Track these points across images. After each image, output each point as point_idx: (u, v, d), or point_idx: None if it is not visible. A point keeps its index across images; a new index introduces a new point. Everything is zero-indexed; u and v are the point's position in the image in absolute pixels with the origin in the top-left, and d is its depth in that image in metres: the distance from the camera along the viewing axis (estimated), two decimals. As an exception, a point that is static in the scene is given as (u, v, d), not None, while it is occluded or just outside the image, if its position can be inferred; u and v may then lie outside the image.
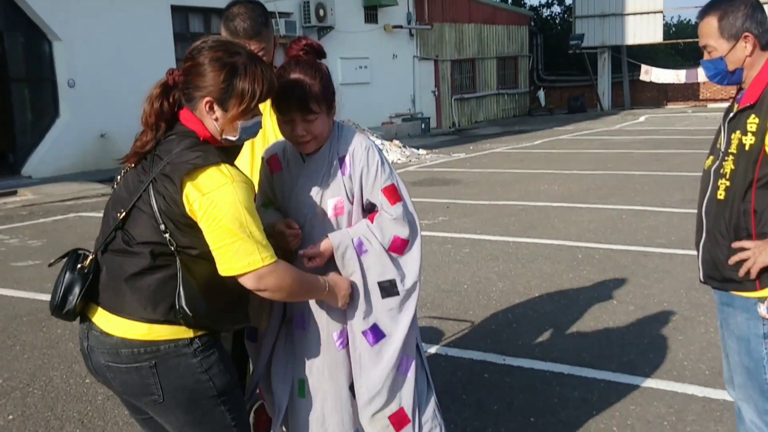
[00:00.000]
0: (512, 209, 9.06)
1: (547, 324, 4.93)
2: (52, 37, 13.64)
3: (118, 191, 2.12)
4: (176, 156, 1.99)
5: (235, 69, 2.03)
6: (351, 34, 20.17)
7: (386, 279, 2.39)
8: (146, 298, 2.01)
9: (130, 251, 2.02)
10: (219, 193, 1.96)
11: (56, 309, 2.07)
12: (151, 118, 2.05)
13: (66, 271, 2.07)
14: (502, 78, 28.74)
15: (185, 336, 2.04)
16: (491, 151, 16.59)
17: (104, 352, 2.04)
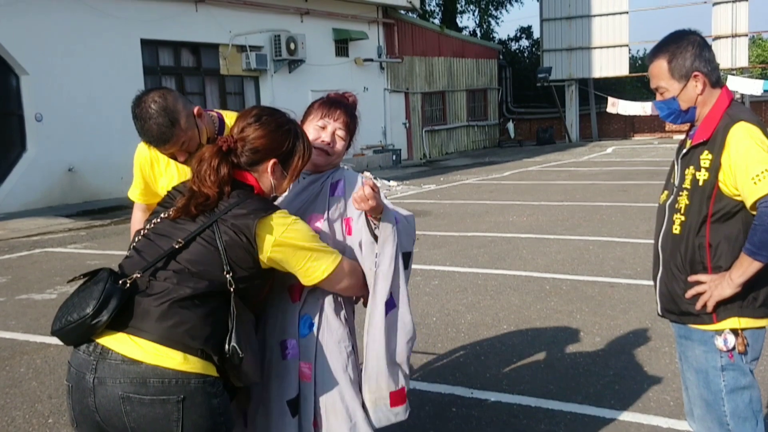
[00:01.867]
0: (481, 240, 9.11)
1: (515, 356, 4.94)
2: (20, 72, 13.57)
3: (164, 225, 2.18)
4: (243, 204, 2.16)
5: (297, 135, 2.34)
6: (322, 67, 20.31)
7: (409, 251, 2.56)
8: (190, 326, 2.02)
9: (182, 281, 2.05)
10: (290, 230, 2.18)
11: (85, 319, 1.94)
12: (214, 184, 2.17)
13: (107, 282, 1.99)
14: (472, 110, 29.06)
15: (213, 374, 2.06)
16: (461, 182, 16.71)
17: (125, 382, 1.95)
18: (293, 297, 2.51)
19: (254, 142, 2.23)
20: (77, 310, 1.98)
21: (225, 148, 2.21)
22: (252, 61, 18.07)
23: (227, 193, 2.18)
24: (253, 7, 18.17)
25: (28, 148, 13.79)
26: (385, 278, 2.44)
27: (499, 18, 41.10)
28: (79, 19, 14.25)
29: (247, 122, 2.27)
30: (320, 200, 2.56)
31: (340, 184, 2.58)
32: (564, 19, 28.77)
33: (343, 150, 2.63)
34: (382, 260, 2.44)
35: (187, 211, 2.15)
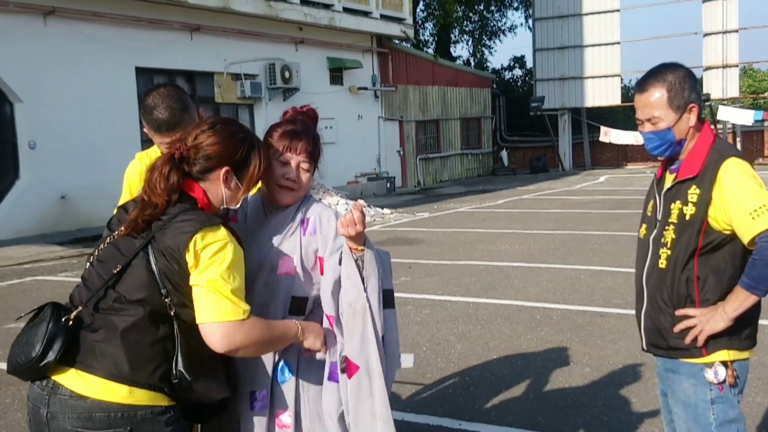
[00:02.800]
0: (474, 269, 9.10)
1: (504, 387, 4.92)
2: (14, 99, 13.60)
3: (107, 251, 2.13)
4: (178, 218, 2.08)
5: (252, 144, 2.27)
6: (316, 96, 20.38)
7: (388, 288, 2.40)
8: (136, 358, 2.00)
9: (123, 310, 2.03)
10: (218, 249, 2.05)
11: (35, 360, 1.96)
12: (164, 193, 2.11)
13: (49, 322, 2.00)
14: (466, 138, 29.21)
15: (163, 404, 2.04)
16: (455, 210, 16.74)
17: (73, 417, 1.98)
18: None
19: (207, 148, 2.17)
20: (25, 352, 2.01)
21: (177, 156, 2.16)
22: (247, 89, 18.17)
23: (174, 201, 2.12)
24: (248, 35, 18.31)
25: (21, 176, 13.78)
26: (378, 314, 2.32)
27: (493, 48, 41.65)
28: (74, 47, 14.32)
29: (201, 130, 2.21)
30: (290, 239, 2.44)
31: (312, 222, 2.45)
32: (557, 49, 29.05)
33: (309, 181, 2.50)
34: (371, 295, 2.31)
35: (136, 224, 2.09)
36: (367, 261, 2.31)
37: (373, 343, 2.30)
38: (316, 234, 2.42)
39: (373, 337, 2.30)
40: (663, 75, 2.54)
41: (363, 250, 2.30)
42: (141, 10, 15.53)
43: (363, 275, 2.30)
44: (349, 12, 21.35)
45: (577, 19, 28.68)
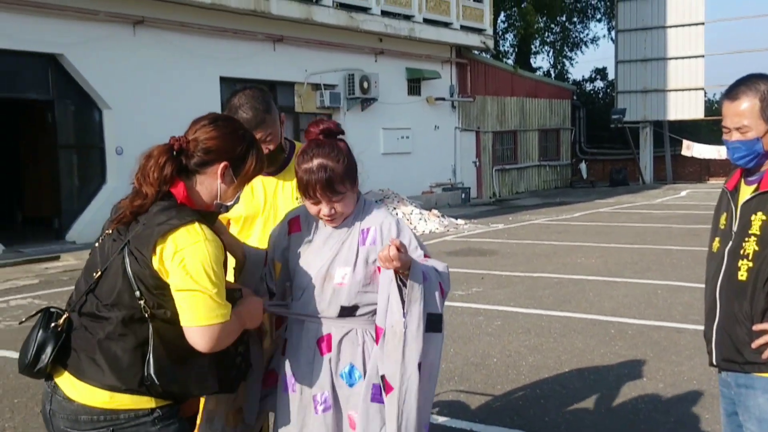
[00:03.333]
0: (547, 282, 8.97)
1: (576, 401, 4.83)
2: (102, 106, 14.11)
3: (93, 254, 2.17)
4: (153, 217, 2.06)
5: (252, 142, 2.27)
6: (394, 106, 20.54)
7: (436, 312, 2.35)
8: (113, 365, 2.03)
9: (100, 316, 2.06)
10: (192, 249, 2.02)
11: (27, 367, 2.06)
12: (155, 183, 2.10)
13: (39, 328, 2.08)
14: (544, 150, 28.84)
15: (146, 406, 2.08)
16: (530, 222, 16.54)
17: (64, 417, 2.07)
18: (322, 350, 2.44)
19: (207, 142, 2.17)
20: (21, 356, 2.10)
21: (177, 148, 2.15)
22: (326, 99, 18.41)
23: (162, 194, 2.11)
24: (329, 46, 18.57)
25: (108, 181, 14.28)
26: (415, 340, 2.30)
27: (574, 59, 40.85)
28: (161, 56, 14.79)
29: (201, 124, 2.21)
30: (347, 249, 2.44)
31: (371, 232, 2.44)
32: (639, 61, 28.43)
33: (351, 202, 2.44)
34: (410, 321, 2.29)
35: (123, 215, 2.09)
36: (409, 286, 2.30)
37: (408, 368, 2.31)
38: (375, 244, 2.42)
39: (409, 363, 2.30)
40: (756, 84, 2.49)
41: (406, 276, 2.29)
42: (226, 21, 15.93)
43: (404, 299, 2.30)
44: (430, 23, 21.41)
45: (661, 32, 28.00)
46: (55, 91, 13.61)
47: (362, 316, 2.45)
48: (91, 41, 13.61)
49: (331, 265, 2.43)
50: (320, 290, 2.43)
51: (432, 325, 2.35)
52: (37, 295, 9.13)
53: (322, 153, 2.38)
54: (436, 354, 2.39)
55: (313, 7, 17.56)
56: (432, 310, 2.35)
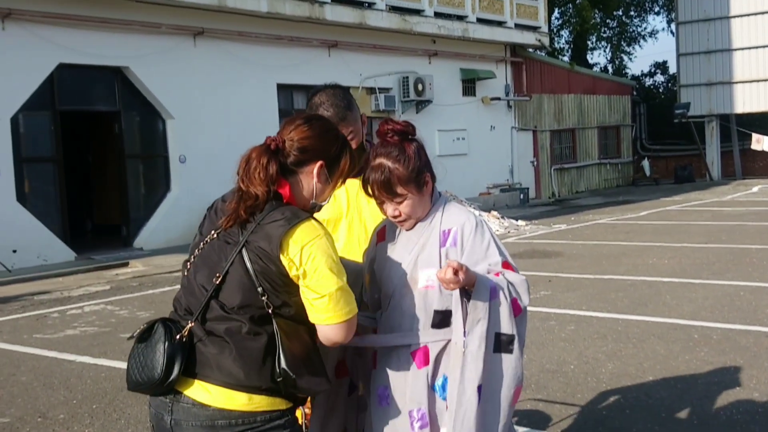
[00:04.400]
0: (619, 284, 8.72)
1: (663, 411, 4.62)
2: (166, 116, 14.38)
3: (203, 258, 2.15)
4: (268, 216, 2.09)
5: (345, 142, 2.29)
6: (449, 107, 20.38)
7: (506, 333, 2.28)
8: (249, 365, 2.04)
9: (229, 318, 2.06)
10: (315, 245, 2.06)
11: (158, 382, 2.03)
12: (263, 182, 2.11)
13: (165, 341, 2.06)
14: (604, 147, 28.26)
15: (280, 407, 2.09)
16: (594, 222, 16.19)
17: (197, 424, 2.04)
18: (418, 363, 2.33)
19: (302, 141, 2.18)
20: (146, 371, 2.06)
21: (273, 147, 2.16)
22: (381, 103, 18.37)
23: (272, 193, 2.12)
24: (382, 50, 18.53)
25: (172, 188, 14.53)
26: (474, 360, 2.24)
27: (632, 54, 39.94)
28: (221, 65, 14.98)
29: (296, 123, 2.22)
30: (429, 251, 2.37)
31: (453, 233, 2.37)
32: (702, 53, 27.64)
33: (416, 205, 2.38)
34: (471, 340, 2.24)
35: (238, 215, 2.10)
36: (472, 305, 2.24)
37: (467, 390, 2.24)
38: (456, 246, 2.36)
39: (468, 384, 2.24)
40: None
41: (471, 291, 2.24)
42: (282, 29, 16.05)
43: (465, 318, 2.25)
44: (483, 22, 21.19)
45: (725, 22, 27.17)
46: (122, 103, 13.96)
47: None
48: (154, 53, 13.88)
49: (413, 269, 2.36)
50: (409, 297, 2.36)
51: (501, 346, 2.27)
52: (110, 301, 9.28)
53: (385, 153, 2.37)
54: (509, 377, 2.28)
55: (367, 12, 17.56)
56: (502, 330, 2.27)
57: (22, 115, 12.53)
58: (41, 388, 5.65)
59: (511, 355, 2.28)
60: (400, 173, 2.34)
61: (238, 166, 2.18)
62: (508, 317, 2.28)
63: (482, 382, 2.25)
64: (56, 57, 12.64)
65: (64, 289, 10.33)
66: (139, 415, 4.95)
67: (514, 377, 2.29)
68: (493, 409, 2.27)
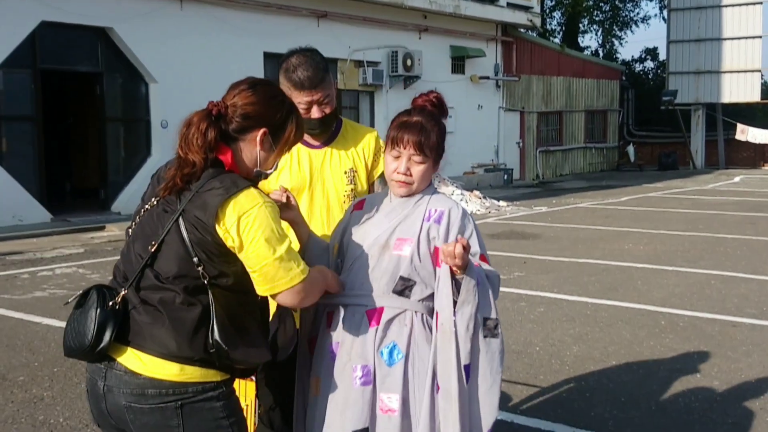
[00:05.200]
0: (593, 268, 8.74)
1: (624, 395, 4.64)
2: (149, 80, 14.20)
3: (141, 226, 2.12)
4: (206, 184, 2.04)
5: (291, 108, 2.23)
6: (437, 84, 20.17)
7: (491, 317, 2.34)
8: (181, 336, 2.01)
9: (163, 288, 2.03)
10: (253, 214, 2.01)
11: (89, 348, 2.00)
12: (201, 149, 2.06)
13: (97, 308, 2.02)
14: (591, 132, 28.28)
15: (214, 379, 2.07)
16: (575, 206, 16.22)
17: (127, 392, 2.02)
18: (371, 323, 2.38)
19: (246, 108, 2.13)
20: (78, 337, 2.04)
21: (215, 112, 2.11)
22: (369, 77, 18.25)
23: (210, 161, 2.07)
24: (372, 23, 18.37)
25: (153, 153, 14.39)
26: (464, 341, 2.29)
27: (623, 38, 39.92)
28: (207, 31, 14.80)
29: (240, 89, 2.17)
30: (410, 222, 2.42)
31: (441, 214, 2.41)
32: (693, 41, 27.65)
33: (426, 174, 2.45)
34: (460, 321, 2.28)
35: (174, 183, 2.05)
36: (463, 287, 2.27)
37: (455, 369, 2.28)
38: (439, 223, 2.39)
39: (455, 363, 2.28)
40: None
41: (462, 275, 2.26)
42: (271, -4, 15.86)
43: (455, 299, 2.27)
44: (476, 0, 21.03)
45: (716, 11, 27.18)
46: (104, 64, 13.79)
47: (417, 299, 2.39)
48: (139, 15, 13.68)
49: (391, 235, 2.40)
50: (376, 260, 2.39)
51: (490, 331, 2.33)
52: (82, 264, 9.21)
53: (425, 116, 2.45)
54: (495, 359, 2.34)
55: (359, -18, 17.38)
56: (488, 315, 2.33)
57: (2, 72, 12.36)
58: (3, 349, 5.60)
59: (497, 339, 2.35)
60: (433, 139, 2.42)
61: (179, 131, 2.12)
62: (492, 303, 2.35)
63: (472, 363, 2.31)
64: (39, 14, 12.43)
65: (37, 250, 10.25)
66: (100, 379, 4.92)
67: (501, 360, 2.36)
68: (488, 390, 2.33)
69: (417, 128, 2.41)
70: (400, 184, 2.43)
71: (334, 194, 2.84)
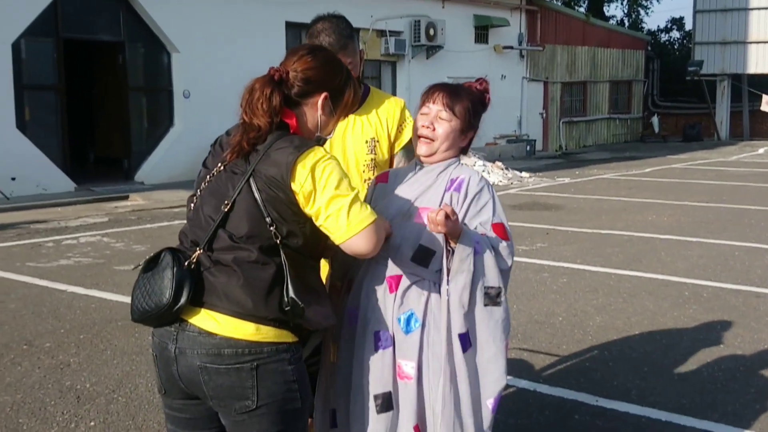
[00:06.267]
0: (616, 239, 8.69)
1: (646, 365, 4.63)
2: (171, 49, 14.19)
3: (209, 191, 2.13)
4: (275, 145, 2.07)
5: (349, 74, 2.27)
6: (460, 54, 20.09)
7: (493, 285, 2.34)
8: (257, 294, 2.03)
9: (238, 247, 2.04)
10: (324, 163, 2.05)
11: (166, 308, 2.01)
12: (266, 113, 2.08)
13: (173, 267, 2.03)
14: (615, 102, 27.93)
15: (287, 340, 2.08)
16: (598, 177, 16.09)
17: (202, 353, 2.02)
18: (390, 288, 2.38)
19: (306, 72, 2.15)
20: (153, 299, 2.04)
21: (277, 78, 2.13)
22: (391, 46, 18.10)
23: (275, 125, 2.10)
24: (395, -9, 18.19)
25: (176, 123, 14.43)
26: (458, 310, 2.29)
27: (649, 8, 39.18)
28: (228, 0, 14.71)
29: (299, 54, 2.19)
30: (433, 191, 2.43)
31: (461, 182, 2.42)
32: (719, 11, 27.09)
33: (450, 135, 2.46)
34: (453, 290, 2.29)
35: (241, 148, 2.08)
36: (456, 256, 2.28)
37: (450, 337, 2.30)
38: (459, 192, 2.39)
39: (452, 331, 2.30)
40: None
41: (455, 244, 2.27)
42: (292, -36, 15.72)
43: (449, 267, 2.28)
44: (500, -32, 20.75)
45: (744, -20, 26.60)
46: (126, 34, 13.77)
47: (435, 269, 2.37)
48: (160, -17, 13.61)
49: (413, 204, 2.41)
50: (398, 228, 2.38)
51: (490, 299, 2.32)
52: (106, 233, 9.30)
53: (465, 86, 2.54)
54: (500, 328, 2.35)
55: (381, -50, 17.18)
56: (489, 283, 2.32)
57: (24, 41, 12.37)
58: (29, 316, 5.69)
59: (500, 308, 2.34)
60: (465, 103, 2.47)
61: (241, 98, 2.14)
62: (494, 271, 2.33)
63: (471, 332, 2.31)
64: (60, -17, 12.43)
65: (62, 219, 10.36)
66: (125, 346, 4.98)
67: (505, 328, 2.36)
68: (491, 358, 2.33)
69: (449, 87, 2.47)
70: (423, 140, 2.45)
71: (354, 163, 2.83)
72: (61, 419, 3.87)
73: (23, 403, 4.07)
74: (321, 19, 2.79)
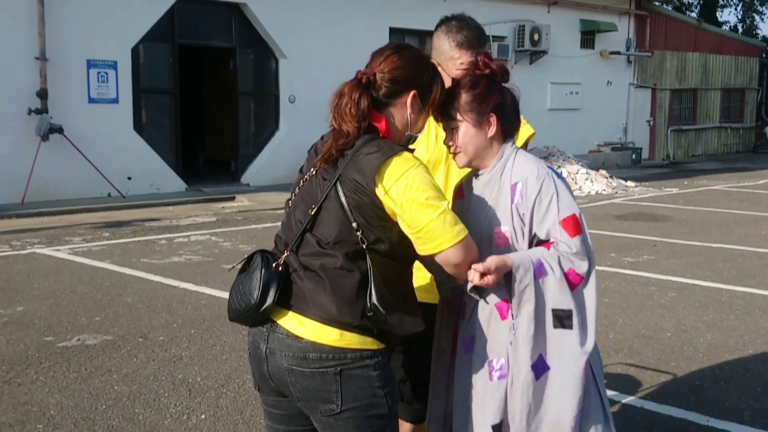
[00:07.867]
0: (728, 253, 8.34)
1: (760, 386, 4.44)
2: (279, 55, 14.57)
3: (301, 195, 2.18)
4: (362, 149, 2.07)
5: (435, 69, 2.24)
6: (564, 59, 19.74)
7: (562, 308, 2.25)
8: (342, 300, 2.05)
9: (325, 253, 2.07)
10: (411, 175, 2.03)
11: (254, 308, 2.07)
12: (354, 118, 2.09)
13: (261, 268, 2.10)
14: (726, 111, 26.78)
15: (371, 347, 2.10)
16: (708, 188, 15.48)
17: (289, 355, 2.07)
18: (500, 315, 2.32)
19: (394, 72, 2.13)
20: (243, 299, 2.11)
21: (364, 81, 2.12)
22: (494, 52, 17.96)
23: (363, 129, 2.09)
24: (500, -3, 18.06)
25: (281, 127, 14.80)
26: (525, 342, 2.23)
27: (765, 14, 37.33)
28: (335, 7, 14.99)
29: (385, 54, 2.17)
30: (502, 208, 2.33)
31: (520, 190, 2.30)
32: None
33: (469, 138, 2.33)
34: (520, 322, 2.23)
35: (330, 154, 2.09)
36: (516, 289, 2.22)
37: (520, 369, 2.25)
38: (523, 200, 2.30)
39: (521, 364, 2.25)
40: None
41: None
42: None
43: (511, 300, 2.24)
44: (608, -28, 20.28)
45: None
46: (238, 40, 14.24)
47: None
48: (271, -5, 14.00)
49: (488, 228, 2.33)
50: (485, 254, 2.30)
51: (560, 322, 2.24)
52: (215, 232, 9.63)
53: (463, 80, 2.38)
54: (572, 352, 2.25)
55: (486, -45, 17.10)
56: (556, 306, 2.24)
57: (143, 46, 12.97)
58: (144, 310, 5.96)
59: (571, 331, 2.25)
60: (464, 99, 2.32)
61: (330, 103, 2.15)
62: (560, 292, 2.24)
63: (544, 359, 2.25)
64: (176, -9, 12.97)
65: (173, 218, 10.80)
66: (233, 343, 5.15)
67: (579, 353, 2.25)
68: (563, 384, 2.26)
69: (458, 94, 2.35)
70: (454, 156, 2.40)
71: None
72: (174, 411, 4.04)
73: (139, 393, 4.27)
74: (454, 18, 2.75)
